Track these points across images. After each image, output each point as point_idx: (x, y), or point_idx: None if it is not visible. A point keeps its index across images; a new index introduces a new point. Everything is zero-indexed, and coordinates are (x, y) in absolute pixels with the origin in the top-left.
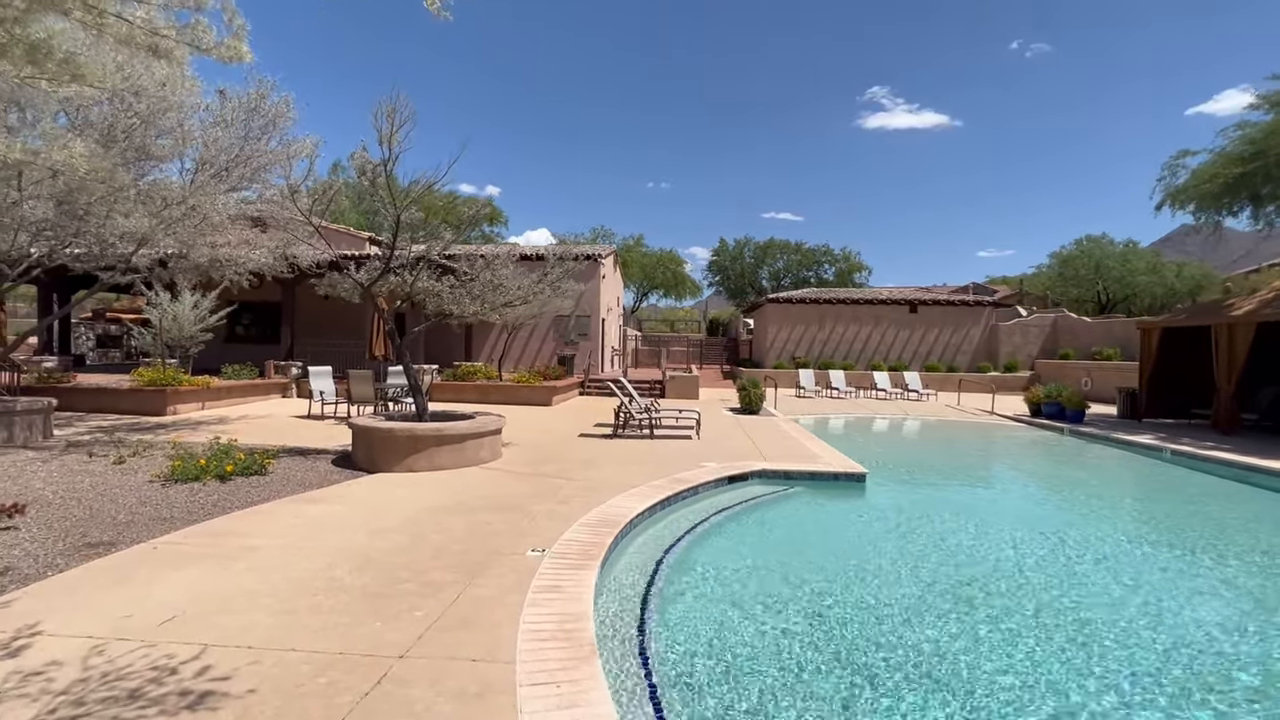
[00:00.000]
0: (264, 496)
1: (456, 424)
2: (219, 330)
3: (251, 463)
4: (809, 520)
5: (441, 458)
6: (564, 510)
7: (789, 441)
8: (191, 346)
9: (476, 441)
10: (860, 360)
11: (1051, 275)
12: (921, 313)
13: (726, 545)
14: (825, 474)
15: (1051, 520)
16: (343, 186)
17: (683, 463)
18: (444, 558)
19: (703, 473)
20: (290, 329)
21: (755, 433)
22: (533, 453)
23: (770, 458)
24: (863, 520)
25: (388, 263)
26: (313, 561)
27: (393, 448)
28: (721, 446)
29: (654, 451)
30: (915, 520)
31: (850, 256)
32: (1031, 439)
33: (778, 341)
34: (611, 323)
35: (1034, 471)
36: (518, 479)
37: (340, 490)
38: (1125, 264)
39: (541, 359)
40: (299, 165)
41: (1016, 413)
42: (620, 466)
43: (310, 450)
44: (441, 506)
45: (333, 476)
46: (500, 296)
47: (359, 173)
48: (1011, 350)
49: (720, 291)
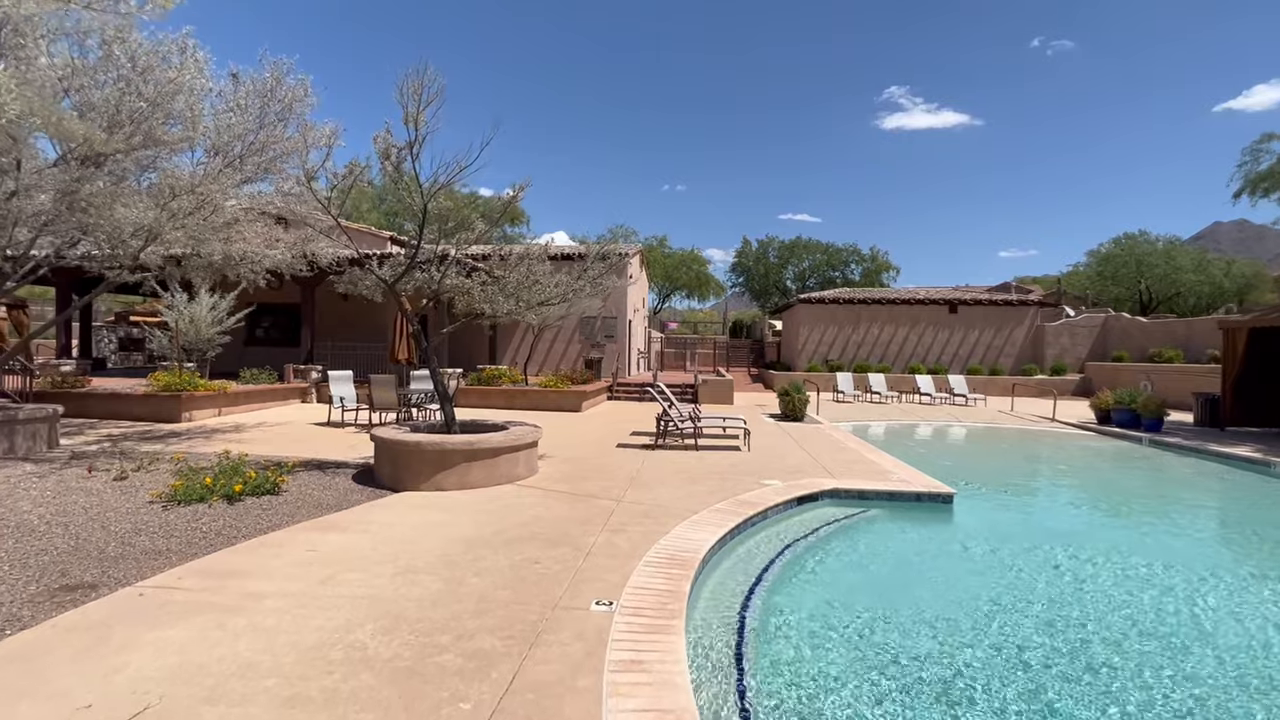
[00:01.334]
0: (275, 522)
1: (490, 436)
2: (238, 333)
3: (263, 481)
4: (901, 552)
5: (473, 475)
6: (622, 543)
7: (847, 453)
8: (208, 350)
9: (512, 456)
10: (897, 363)
11: (1090, 274)
12: (961, 313)
13: (817, 590)
14: (906, 494)
15: (1193, 556)
16: (363, 170)
17: (740, 480)
18: (490, 612)
19: (768, 493)
20: (310, 331)
21: (807, 443)
22: (571, 467)
23: (837, 474)
24: (965, 553)
25: (413, 256)
26: (329, 616)
27: (420, 463)
28: (776, 459)
29: (703, 465)
30: (1026, 553)
31: (878, 256)
32: (1111, 450)
33: (809, 343)
34: (638, 324)
35: (1136, 491)
36: (560, 500)
37: (362, 515)
38: (1169, 261)
39: (567, 361)
40: (317, 152)
41: (1081, 419)
42: (672, 485)
43: (329, 463)
44: (478, 537)
45: (353, 496)
46: (537, 294)
47: (382, 157)
48: (1058, 352)
49: (743, 292)
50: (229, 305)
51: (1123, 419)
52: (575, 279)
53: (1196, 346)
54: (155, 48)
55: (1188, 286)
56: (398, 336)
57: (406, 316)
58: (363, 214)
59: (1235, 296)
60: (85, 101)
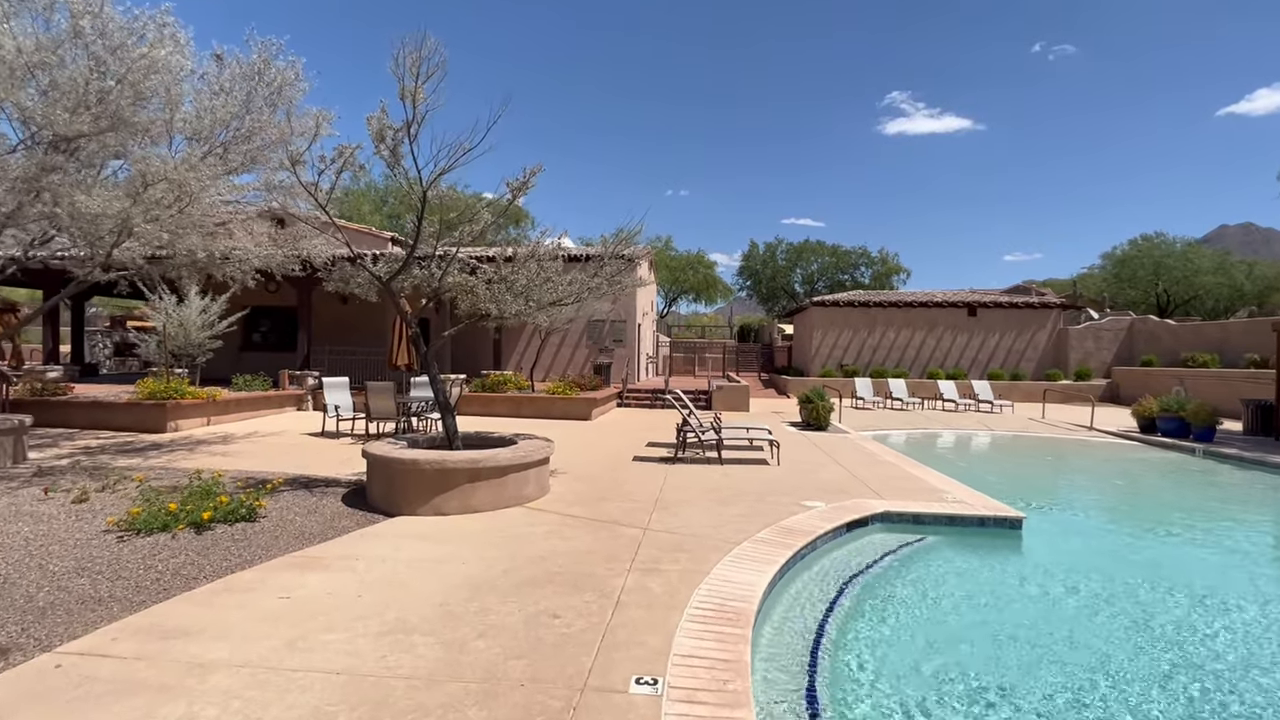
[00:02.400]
0: (246, 558)
1: (496, 453)
2: (233, 338)
3: (237, 506)
4: (974, 593)
5: (478, 497)
6: (657, 587)
7: (886, 468)
8: (199, 355)
9: (521, 475)
10: (915, 368)
11: (1106, 276)
12: (981, 316)
13: (893, 651)
14: (968, 518)
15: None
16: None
17: (777, 501)
18: (500, 695)
19: (813, 518)
20: (307, 335)
21: (839, 455)
22: (586, 485)
23: (884, 493)
24: (1051, 592)
25: (411, 250)
26: (291, 704)
27: (417, 485)
28: (810, 475)
29: (731, 483)
30: (1122, 591)
31: (888, 259)
32: (1165, 463)
33: (823, 347)
34: (647, 328)
35: (1212, 511)
36: (578, 528)
37: (349, 546)
38: (1188, 264)
39: (574, 367)
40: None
41: (1122, 428)
42: (701, 507)
43: (318, 481)
44: (485, 579)
45: (342, 522)
46: (548, 293)
47: (376, 140)
48: (1082, 356)
49: (750, 296)
50: (220, 308)
51: (1170, 428)
52: (591, 276)
53: (1233, 350)
54: (130, 24)
55: (1206, 289)
56: (397, 340)
57: (404, 318)
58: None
59: (1256, 299)
60: (51, 81)
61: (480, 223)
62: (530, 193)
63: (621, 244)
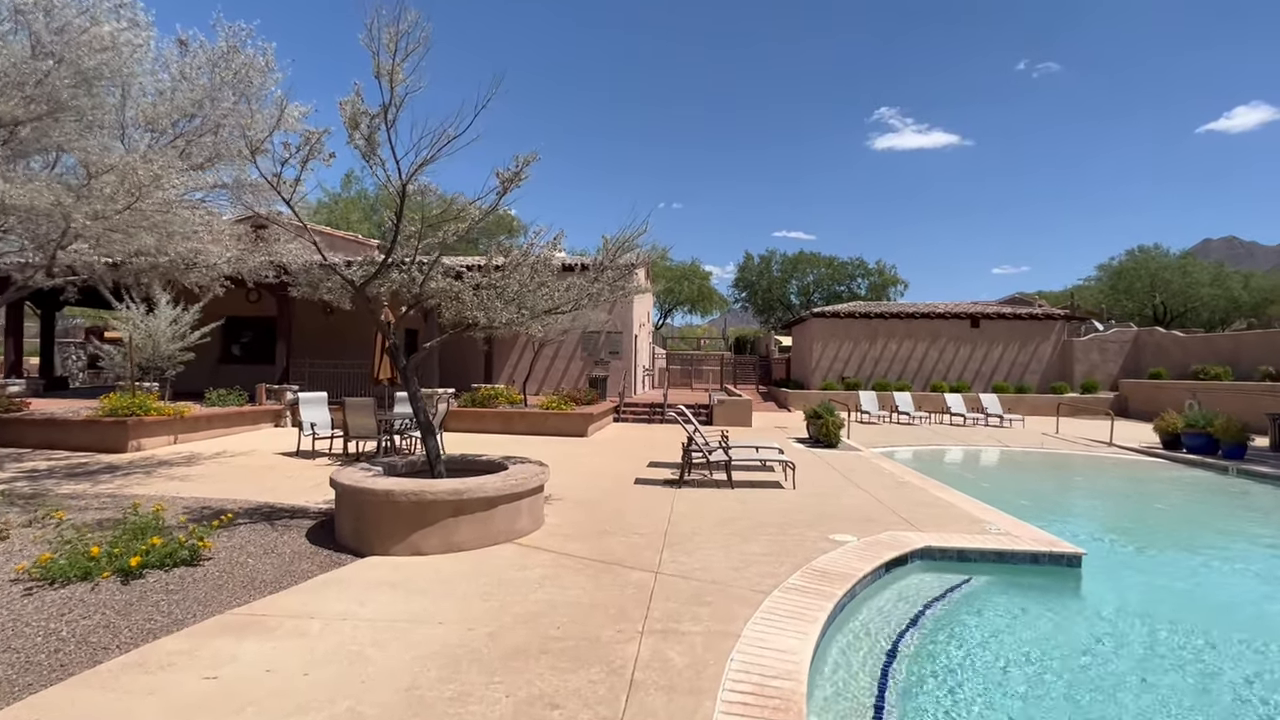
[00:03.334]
0: (176, 617)
1: (484, 482)
2: (210, 350)
3: (175, 548)
4: (1046, 653)
5: (462, 533)
6: (677, 658)
7: (912, 491)
8: (168, 368)
9: (511, 507)
10: (917, 380)
11: (1103, 288)
12: (984, 327)
13: None
14: (1020, 554)
15: None
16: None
17: (802, 535)
18: None
19: (847, 556)
20: (286, 347)
21: (857, 476)
22: (585, 514)
23: (918, 523)
24: (1130, 648)
25: (389, 252)
26: None
27: (392, 520)
28: (830, 501)
29: (747, 511)
30: (1208, 646)
31: (885, 270)
32: (1199, 482)
33: (824, 360)
34: (643, 340)
35: (1274, 541)
36: (578, 571)
37: (305, 599)
38: (1185, 275)
39: (569, 380)
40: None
41: (1144, 444)
42: (718, 543)
43: (283, 510)
44: (465, 647)
45: (301, 565)
46: (543, 300)
47: (349, 126)
48: (1088, 369)
49: (746, 307)
50: (193, 318)
51: (1196, 444)
52: (590, 282)
53: (1246, 363)
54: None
55: (1202, 301)
56: (379, 353)
57: (382, 329)
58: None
59: (1252, 310)
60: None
61: (466, 220)
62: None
63: (624, 246)
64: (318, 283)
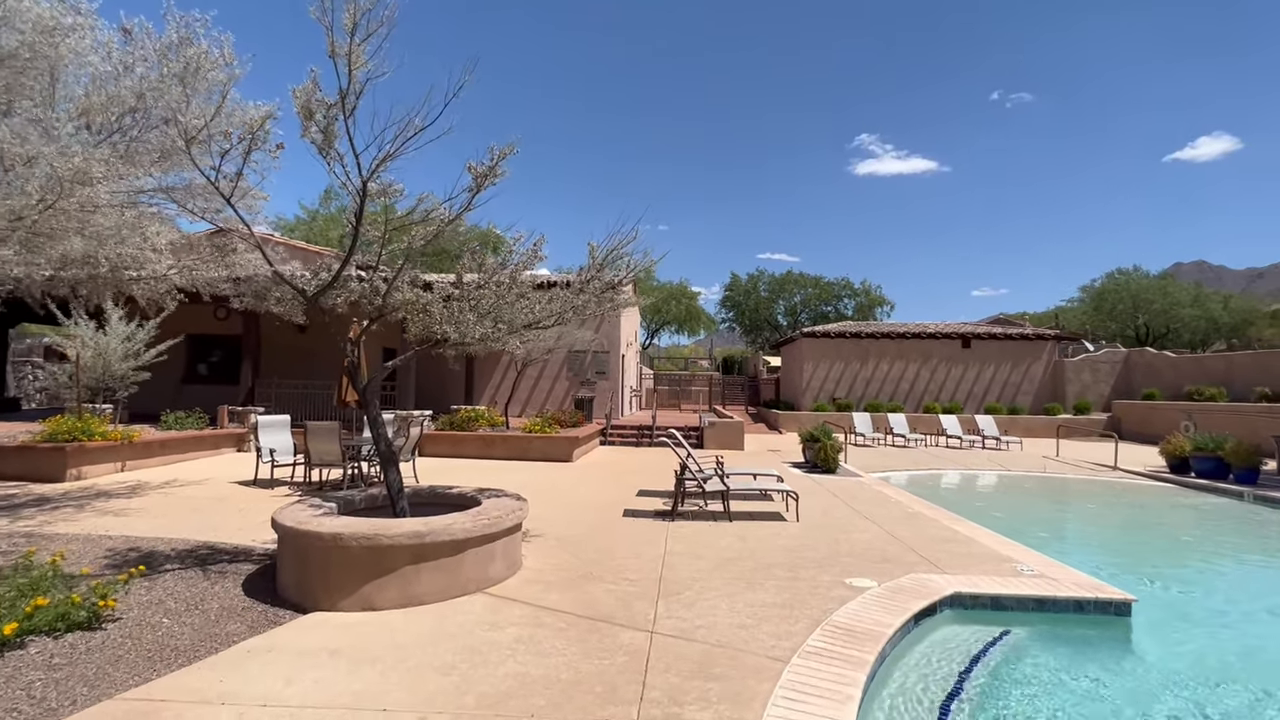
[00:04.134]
0: (47, 707)
1: (451, 522)
2: (173, 369)
3: (66, 610)
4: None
5: (423, 584)
6: None
7: (925, 524)
8: (120, 389)
9: (484, 550)
10: (909, 401)
11: (1085, 309)
12: (975, 348)
13: None
14: (1062, 601)
15: None
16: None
17: (814, 578)
18: None
19: (870, 607)
20: (253, 366)
21: (863, 506)
22: (569, 554)
23: (940, 562)
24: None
25: (347, 257)
26: None
27: (341, 568)
28: (839, 535)
29: (749, 549)
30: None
31: (871, 290)
32: (1221, 511)
33: (814, 380)
34: (631, 359)
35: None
36: (558, 631)
37: (222, 676)
38: (1166, 296)
39: (554, 401)
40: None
41: (1149, 467)
42: (720, 590)
43: (223, 552)
44: None
45: (229, 626)
46: (523, 313)
47: (303, 116)
48: (1080, 389)
49: (733, 328)
50: (148, 335)
51: (1206, 468)
52: (576, 293)
53: (1240, 383)
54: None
55: (1183, 322)
56: (343, 373)
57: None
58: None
59: (1232, 331)
60: None
61: (435, 223)
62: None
63: (612, 255)
64: (264, 292)
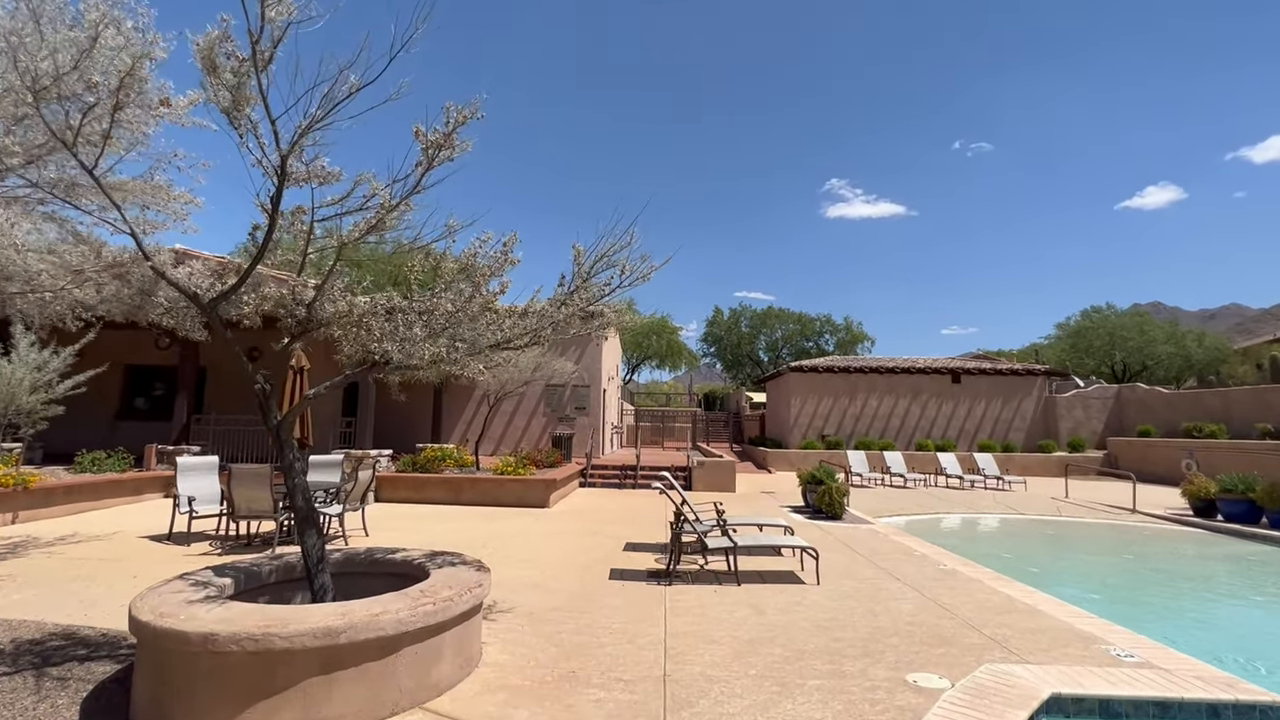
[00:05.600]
0: None
1: (379, 611)
2: (107, 404)
3: None
4: None
5: (338, 700)
6: None
7: (966, 584)
8: (26, 425)
9: (426, 646)
10: (900, 438)
11: (1063, 346)
12: (966, 383)
13: None
14: (1190, 706)
15: None
16: (138, 68)
17: (863, 670)
18: None
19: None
20: (189, 400)
21: (886, 561)
22: (543, 641)
23: (1012, 644)
24: None
25: (259, 255)
26: None
27: (215, 683)
28: (877, 607)
29: (770, 625)
30: None
31: (852, 326)
32: (1260, 559)
33: (803, 416)
34: (612, 394)
35: None
36: None
37: None
38: (1143, 333)
39: (529, 439)
40: (65, 46)
41: (1170, 510)
42: (747, 696)
43: (81, 643)
44: None
45: None
46: (488, 330)
47: (206, 69)
48: (1073, 426)
49: (714, 363)
50: (63, 364)
51: (1236, 511)
52: (557, 306)
53: (1238, 419)
54: None
55: (1162, 359)
56: (284, 402)
57: (253, 372)
58: None
59: (1204, 368)
60: None
61: (378, 209)
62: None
63: (602, 261)
64: (149, 291)
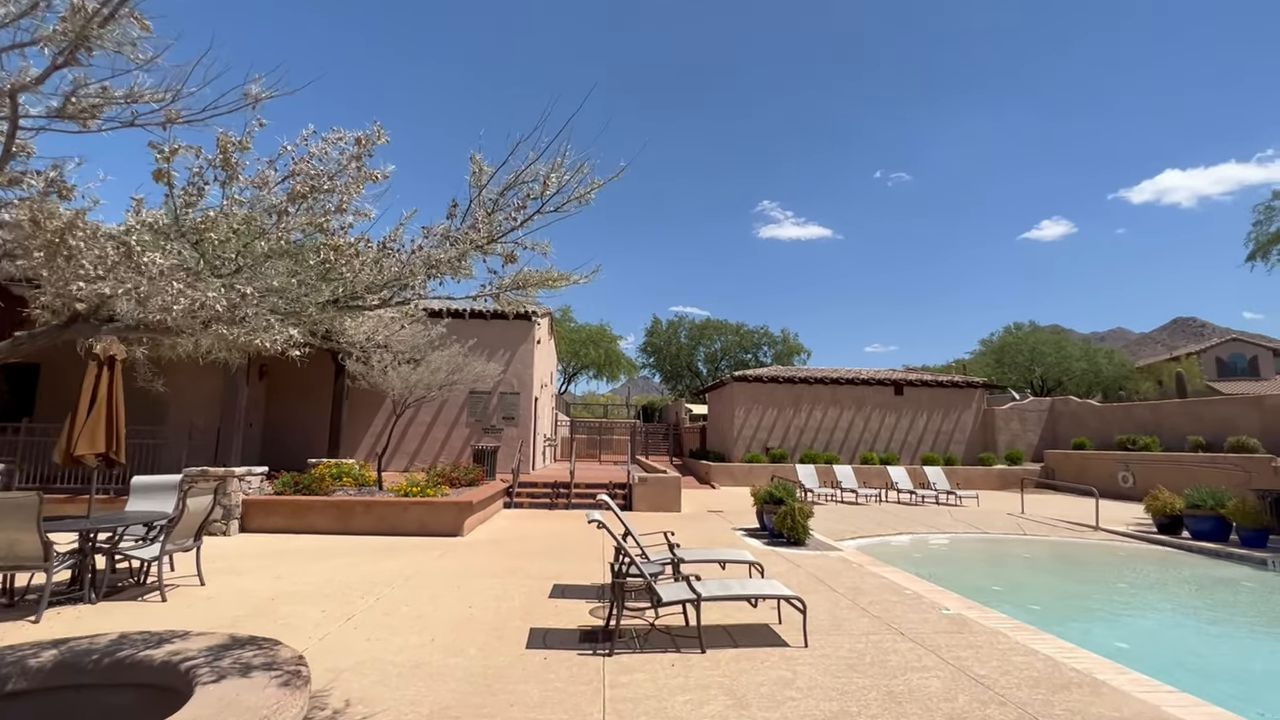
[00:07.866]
0: None
1: None
2: None
3: None
4: None
5: None
6: None
7: (989, 639)
8: None
9: None
10: (845, 451)
11: (987, 361)
12: (908, 395)
13: None
14: None
15: None
16: None
17: None
18: None
19: None
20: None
21: (876, 606)
22: None
23: None
24: None
25: None
26: None
27: None
28: (890, 685)
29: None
30: None
31: (789, 338)
32: (1271, 584)
33: (746, 429)
34: (545, 403)
35: None
36: None
37: None
38: (1060, 351)
39: (449, 453)
40: None
41: (1133, 526)
42: None
43: None
44: None
45: None
46: (316, 270)
47: None
48: (1010, 438)
49: (653, 374)
50: None
51: (1204, 529)
52: (439, 240)
53: (1168, 432)
54: None
55: (1077, 375)
56: (82, 410)
57: None
58: None
59: (1111, 384)
60: None
61: None
62: None
63: (512, 183)
64: None
